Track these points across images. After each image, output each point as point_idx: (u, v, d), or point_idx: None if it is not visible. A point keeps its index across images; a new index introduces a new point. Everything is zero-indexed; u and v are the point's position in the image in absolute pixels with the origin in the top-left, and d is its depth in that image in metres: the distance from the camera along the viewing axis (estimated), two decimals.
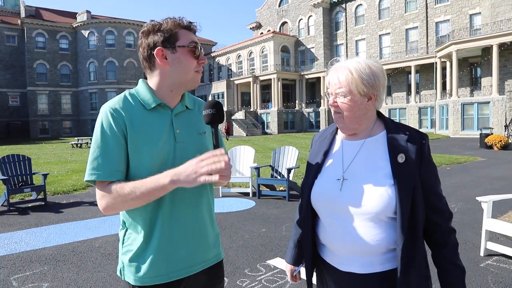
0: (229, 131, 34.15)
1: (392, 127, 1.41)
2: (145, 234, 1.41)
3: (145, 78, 1.51)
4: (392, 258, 1.34)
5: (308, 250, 1.48)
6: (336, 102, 1.37)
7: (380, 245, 1.32)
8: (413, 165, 1.32)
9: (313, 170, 1.48)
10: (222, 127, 30.60)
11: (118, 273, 1.48)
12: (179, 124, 1.46)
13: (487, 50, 27.33)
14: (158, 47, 1.38)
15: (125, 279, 1.45)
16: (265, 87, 44.76)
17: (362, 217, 1.32)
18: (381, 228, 1.32)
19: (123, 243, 1.47)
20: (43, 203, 7.67)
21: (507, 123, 23.46)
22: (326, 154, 1.49)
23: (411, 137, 1.37)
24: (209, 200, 1.55)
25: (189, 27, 1.43)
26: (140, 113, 1.40)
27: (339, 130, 1.52)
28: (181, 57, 1.40)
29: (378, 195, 1.30)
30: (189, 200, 1.45)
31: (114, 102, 1.41)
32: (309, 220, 1.47)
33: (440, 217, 1.37)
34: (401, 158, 1.33)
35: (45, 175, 7.72)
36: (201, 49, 1.45)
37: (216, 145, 1.34)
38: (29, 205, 7.59)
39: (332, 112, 1.42)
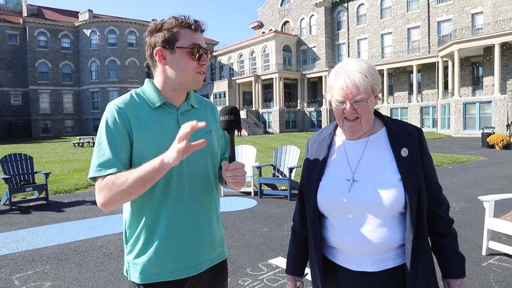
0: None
1: (390, 123, 1.43)
2: (148, 232, 1.41)
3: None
4: (403, 253, 1.35)
5: (318, 254, 1.45)
6: (355, 109, 1.33)
7: (392, 241, 1.33)
8: (416, 157, 1.36)
9: (315, 173, 1.46)
10: None
11: (124, 273, 1.48)
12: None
13: (489, 49, 27.24)
14: (157, 48, 1.40)
15: (130, 279, 1.45)
16: (267, 87, 44.73)
17: (373, 215, 1.33)
18: (393, 224, 1.34)
19: (126, 242, 1.47)
20: (45, 202, 7.68)
21: (509, 122, 23.43)
22: (327, 156, 1.47)
23: (409, 131, 1.40)
24: (215, 199, 1.56)
25: (191, 27, 1.41)
26: (145, 112, 1.41)
27: (337, 131, 1.51)
28: (179, 58, 1.40)
29: (388, 192, 1.31)
30: (195, 199, 1.45)
31: (120, 100, 1.42)
32: (317, 223, 1.45)
33: (441, 207, 1.42)
34: (404, 152, 1.35)
35: (47, 174, 7.73)
36: (205, 50, 1.43)
37: (232, 151, 1.36)
38: (31, 204, 7.61)
39: (344, 120, 1.37)
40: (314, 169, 1.47)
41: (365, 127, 1.39)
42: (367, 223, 1.33)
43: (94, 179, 1.35)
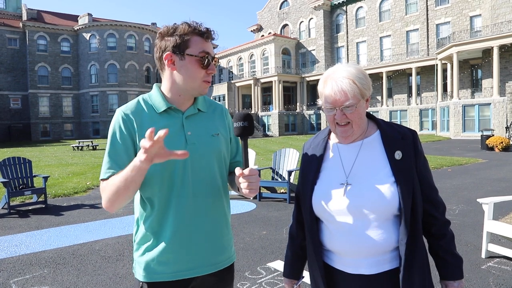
0: None
1: (384, 126, 1.44)
2: (154, 233, 1.44)
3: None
4: (399, 255, 1.36)
5: (319, 259, 1.44)
6: (345, 114, 1.34)
7: (388, 243, 1.33)
8: (410, 160, 1.36)
9: (310, 177, 1.47)
10: None
11: (132, 270, 1.53)
12: (190, 127, 1.48)
13: (487, 52, 27.32)
14: (168, 52, 1.42)
15: (136, 276, 1.49)
16: (266, 90, 44.78)
17: (367, 217, 1.33)
18: (387, 227, 1.34)
19: (134, 241, 1.51)
20: (43, 205, 7.67)
21: (508, 124, 23.43)
22: (321, 161, 1.47)
23: (403, 133, 1.40)
24: (223, 202, 1.56)
25: (203, 35, 1.43)
26: (151, 117, 1.45)
27: (331, 136, 1.51)
28: (188, 65, 1.42)
29: (381, 195, 1.32)
30: (200, 202, 1.47)
31: (127, 106, 1.47)
32: (315, 227, 1.45)
33: (437, 209, 1.42)
34: (398, 155, 1.36)
35: (45, 178, 7.72)
36: (213, 59, 1.45)
37: (245, 157, 1.36)
38: (30, 208, 7.59)
39: (337, 125, 1.38)
40: (309, 174, 1.48)
41: (357, 131, 1.40)
42: (361, 226, 1.34)
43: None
